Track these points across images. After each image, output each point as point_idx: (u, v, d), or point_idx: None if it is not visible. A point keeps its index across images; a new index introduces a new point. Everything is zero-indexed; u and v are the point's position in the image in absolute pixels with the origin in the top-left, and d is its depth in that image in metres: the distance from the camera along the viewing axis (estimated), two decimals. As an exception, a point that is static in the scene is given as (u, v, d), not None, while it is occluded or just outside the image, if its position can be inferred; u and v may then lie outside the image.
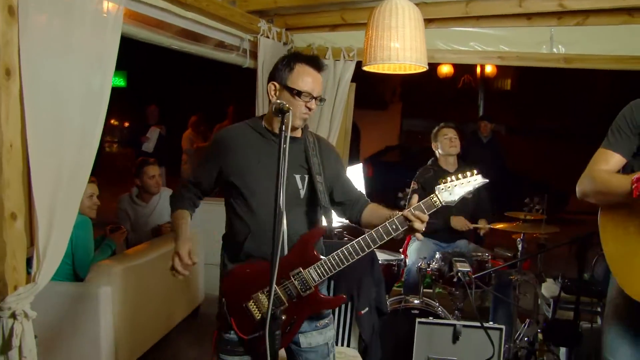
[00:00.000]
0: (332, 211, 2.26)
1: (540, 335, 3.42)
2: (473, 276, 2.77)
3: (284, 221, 2.02)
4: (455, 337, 2.76)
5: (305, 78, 2.06)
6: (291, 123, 1.94)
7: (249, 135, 2.14)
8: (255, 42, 3.87)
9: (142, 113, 7.30)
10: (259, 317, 2.05)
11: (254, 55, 3.99)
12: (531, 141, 15.03)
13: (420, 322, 2.77)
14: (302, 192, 2.13)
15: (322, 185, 2.13)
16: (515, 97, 16.73)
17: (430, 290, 3.90)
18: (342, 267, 2.02)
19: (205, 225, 4.46)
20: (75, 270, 3.03)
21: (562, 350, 3.45)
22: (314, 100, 2.08)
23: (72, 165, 2.23)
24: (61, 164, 2.19)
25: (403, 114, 15.87)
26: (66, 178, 2.21)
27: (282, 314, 1.96)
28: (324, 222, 2.22)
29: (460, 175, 1.97)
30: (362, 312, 2.70)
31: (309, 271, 2.03)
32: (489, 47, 4.15)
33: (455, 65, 9.11)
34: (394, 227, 1.98)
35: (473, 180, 1.98)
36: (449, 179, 1.98)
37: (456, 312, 3.38)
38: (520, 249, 3.37)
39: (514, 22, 3.90)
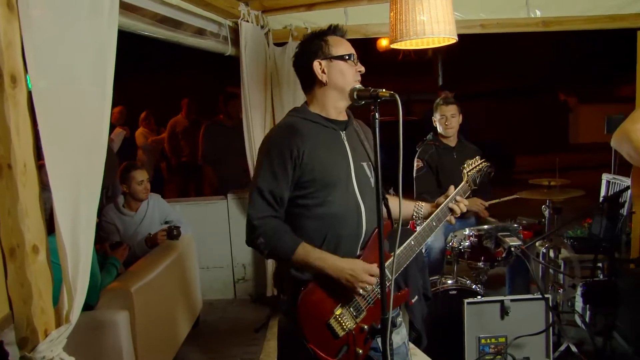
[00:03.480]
0: None
1: (559, 298, 3.45)
2: (524, 247, 2.70)
3: (363, 214, 1.90)
4: (504, 313, 2.69)
5: (344, 44, 1.94)
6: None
7: (312, 129, 1.90)
8: (235, 27, 3.59)
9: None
10: (342, 334, 1.87)
11: (233, 42, 3.71)
12: (468, 105, 15.34)
13: (468, 303, 2.68)
14: (372, 181, 1.96)
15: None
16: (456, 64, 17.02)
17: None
18: (409, 260, 1.99)
19: (196, 227, 4.19)
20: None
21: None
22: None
23: (87, 179, 1.92)
24: (78, 180, 1.87)
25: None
26: (84, 195, 1.90)
27: (363, 323, 1.91)
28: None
29: (472, 161, 2.20)
30: (413, 301, 2.57)
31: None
32: (469, 16, 4.10)
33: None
34: (442, 214, 2.05)
35: (480, 165, 2.20)
36: (466, 166, 2.18)
37: (479, 285, 3.33)
38: (547, 215, 3.34)
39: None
